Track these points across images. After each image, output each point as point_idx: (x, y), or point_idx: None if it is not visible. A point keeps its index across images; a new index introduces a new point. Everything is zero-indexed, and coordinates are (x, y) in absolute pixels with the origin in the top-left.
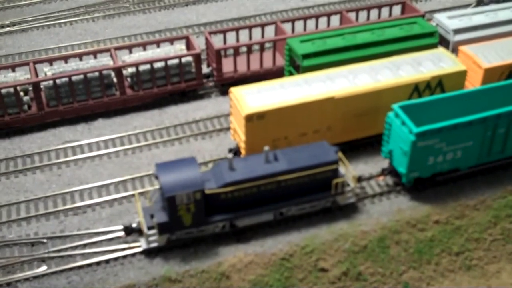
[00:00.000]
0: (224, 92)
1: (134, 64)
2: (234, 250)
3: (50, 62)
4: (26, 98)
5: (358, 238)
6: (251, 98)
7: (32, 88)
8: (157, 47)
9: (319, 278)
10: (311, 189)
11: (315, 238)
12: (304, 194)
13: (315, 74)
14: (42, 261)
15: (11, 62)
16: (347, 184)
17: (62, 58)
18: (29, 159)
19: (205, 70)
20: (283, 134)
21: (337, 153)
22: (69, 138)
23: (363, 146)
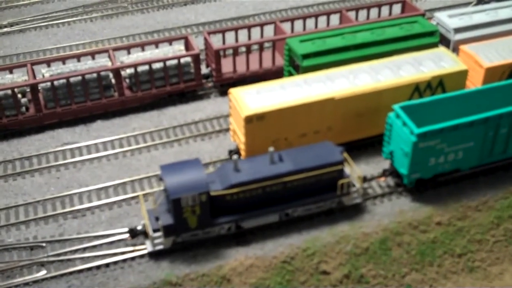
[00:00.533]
0: (223, 92)
1: (132, 65)
2: (235, 253)
3: (48, 63)
4: (24, 100)
5: (359, 240)
6: (251, 99)
7: (30, 89)
8: (155, 48)
9: (321, 281)
10: (317, 190)
11: (317, 240)
12: (309, 195)
13: (315, 75)
14: (41, 265)
15: (9, 63)
16: (353, 184)
17: (60, 59)
18: (27, 162)
19: (204, 70)
20: (283, 135)
21: (342, 153)
22: (67, 140)
23: (364, 146)
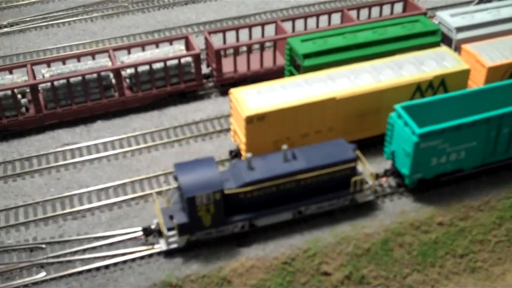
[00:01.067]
0: (224, 92)
1: (132, 65)
2: (236, 254)
3: (48, 63)
4: (24, 100)
5: (361, 241)
6: (252, 99)
7: (30, 90)
8: (156, 48)
9: (322, 282)
10: (330, 187)
11: (318, 241)
12: (322, 192)
13: (316, 74)
14: (41, 267)
15: (9, 63)
16: (366, 181)
17: (60, 59)
18: (27, 163)
19: (204, 70)
20: (284, 135)
21: (355, 150)
22: (67, 141)
23: (366, 146)
